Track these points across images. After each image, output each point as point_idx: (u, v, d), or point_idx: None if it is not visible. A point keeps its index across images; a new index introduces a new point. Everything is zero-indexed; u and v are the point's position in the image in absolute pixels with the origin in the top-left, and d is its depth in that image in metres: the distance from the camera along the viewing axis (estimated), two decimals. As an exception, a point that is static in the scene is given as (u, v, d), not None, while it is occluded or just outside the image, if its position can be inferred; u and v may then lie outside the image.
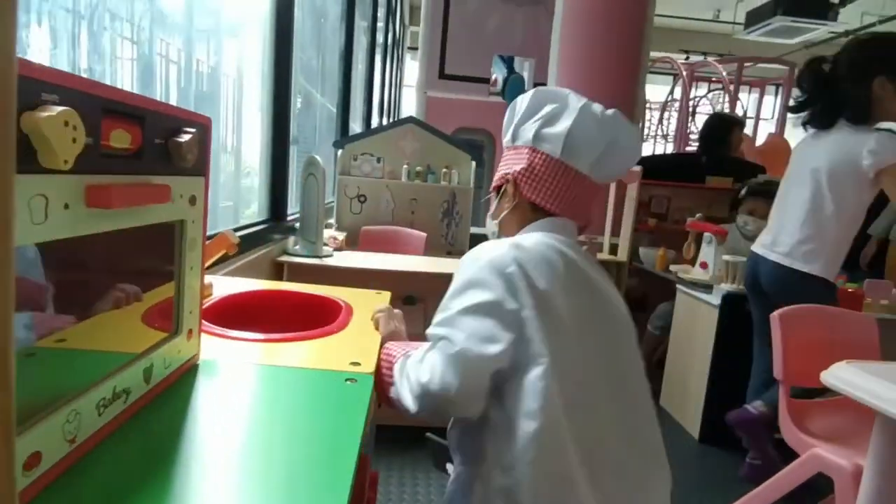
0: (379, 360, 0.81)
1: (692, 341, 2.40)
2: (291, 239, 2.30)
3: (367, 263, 2.11)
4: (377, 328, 0.93)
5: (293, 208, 2.47)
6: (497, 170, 0.90)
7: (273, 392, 0.67)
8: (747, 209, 2.40)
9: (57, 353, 0.45)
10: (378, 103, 6.32)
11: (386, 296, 1.22)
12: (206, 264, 0.99)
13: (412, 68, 9.12)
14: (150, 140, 0.52)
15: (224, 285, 1.13)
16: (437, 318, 0.77)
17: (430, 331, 0.77)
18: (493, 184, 0.90)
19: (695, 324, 2.38)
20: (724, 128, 3.25)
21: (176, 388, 0.63)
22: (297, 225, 2.22)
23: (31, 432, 0.39)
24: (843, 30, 7.13)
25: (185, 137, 0.56)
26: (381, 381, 0.80)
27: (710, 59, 7.27)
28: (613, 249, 3.32)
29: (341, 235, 2.53)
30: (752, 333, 2.07)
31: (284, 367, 0.73)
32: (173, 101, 1.84)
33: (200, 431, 0.55)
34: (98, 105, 0.43)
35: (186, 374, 0.66)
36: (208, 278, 1.12)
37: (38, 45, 1.08)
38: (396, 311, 1.00)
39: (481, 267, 0.74)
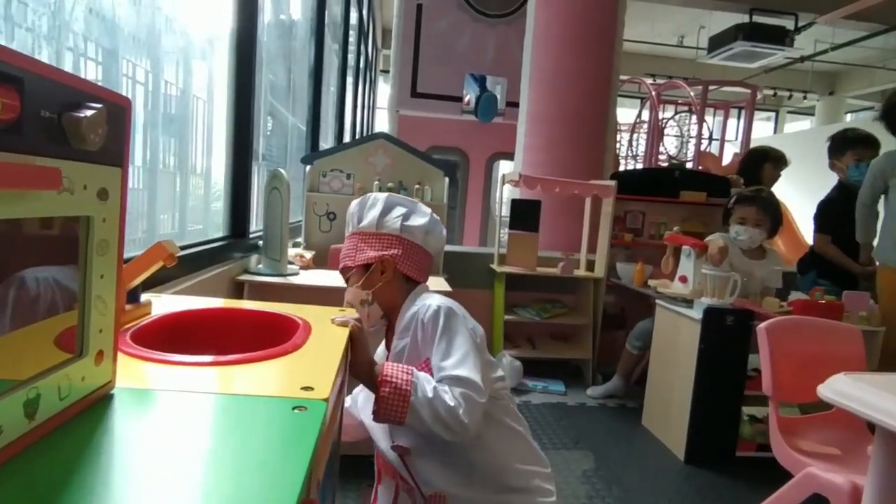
0: (390, 374, 0.92)
1: (674, 358, 2.33)
2: (255, 258, 2.17)
3: (334, 282, 1.99)
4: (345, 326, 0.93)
5: (258, 226, 2.35)
6: (356, 251, 1.11)
7: (203, 426, 0.56)
8: (738, 218, 2.37)
9: None
10: (350, 124, 6.26)
11: (350, 312, 1.11)
12: (140, 278, 0.87)
13: (385, 91, 9.14)
14: (34, 111, 0.41)
15: (169, 304, 1.00)
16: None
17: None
18: (358, 262, 1.10)
19: (676, 339, 2.32)
20: (754, 162, 3.25)
21: (77, 425, 0.51)
22: (261, 243, 2.10)
23: None
24: (798, 55, 7.45)
25: (86, 113, 0.46)
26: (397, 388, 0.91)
27: (676, 80, 7.46)
28: (590, 266, 3.28)
29: (309, 254, 2.41)
30: (736, 349, 2.01)
31: (221, 395, 0.61)
32: (139, 125, 1.74)
33: (98, 480, 0.43)
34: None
35: (95, 407, 0.54)
36: (146, 296, 0.99)
37: None
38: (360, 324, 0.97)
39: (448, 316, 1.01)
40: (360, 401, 1.20)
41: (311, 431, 0.54)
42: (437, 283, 2.13)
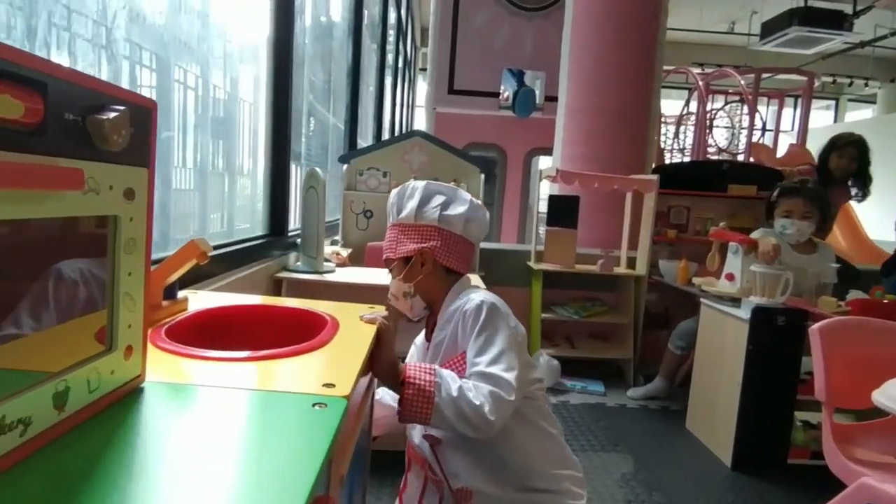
0: (411, 374, 0.91)
1: (720, 359, 2.24)
2: (293, 255, 2.22)
3: (369, 279, 2.01)
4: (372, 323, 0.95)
5: (297, 225, 2.40)
6: (396, 243, 1.10)
7: (225, 421, 0.57)
8: (783, 211, 2.24)
9: None
10: (389, 122, 6.32)
11: (380, 310, 1.12)
12: (175, 275, 0.90)
13: (424, 89, 9.19)
14: (58, 114, 0.43)
15: (205, 300, 1.04)
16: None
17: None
18: (398, 255, 1.09)
19: (722, 340, 2.23)
20: (822, 154, 3.09)
21: (106, 418, 0.52)
22: (299, 241, 2.14)
23: None
24: (857, 41, 7.00)
25: (109, 115, 0.47)
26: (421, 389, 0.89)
27: (726, 69, 7.14)
28: (631, 263, 3.18)
29: (346, 252, 2.44)
30: (788, 350, 1.91)
31: (245, 390, 0.62)
32: (190, 128, 1.83)
33: (122, 472, 0.44)
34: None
35: (124, 400, 0.56)
36: (184, 292, 1.03)
37: None
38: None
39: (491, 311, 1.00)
40: (391, 394, 1.21)
41: (328, 429, 0.54)
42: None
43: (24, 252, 0.46)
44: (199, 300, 1.04)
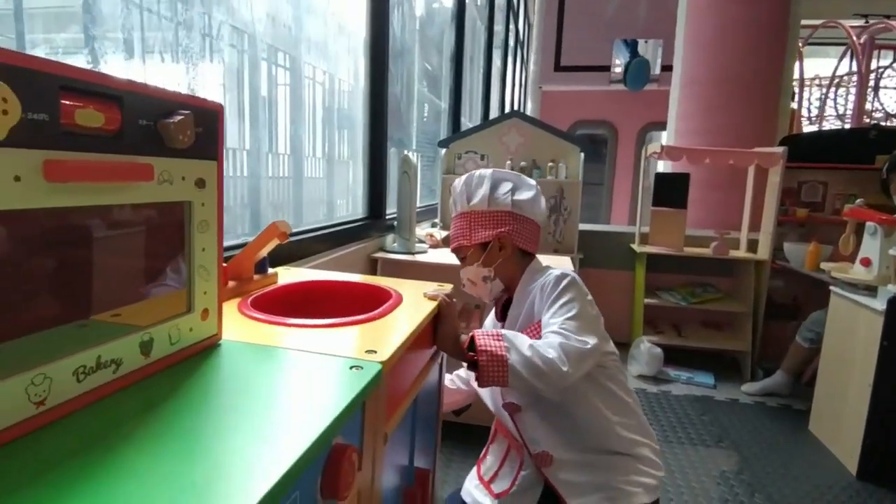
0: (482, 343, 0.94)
1: (850, 355, 1.98)
2: (391, 237, 2.36)
3: (454, 260, 2.08)
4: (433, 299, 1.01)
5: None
6: (469, 230, 1.13)
7: (276, 374, 0.66)
8: None
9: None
10: (498, 103, 6.29)
11: (446, 288, 1.18)
12: (262, 252, 1.04)
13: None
14: (133, 120, 0.54)
15: (296, 275, 1.18)
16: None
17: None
18: (475, 241, 1.13)
19: (853, 334, 1.96)
20: None
21: (186, 365, 0.65)
22: (396, 223, 2.28)
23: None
24: None
25: (175, 119, 0.58)
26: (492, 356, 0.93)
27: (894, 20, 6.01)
28: (752, 246, 2.89)
29: (441, 234, 2.53)
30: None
31: (300, 351, 0.72)
32: (319, 120, 2.07)
33: (192, 403, 0.55)
34: (53, 83, 0.45)
35: (203, 353, 0.69)
36: (276, 268, 1.18)
37: (214, 80, 1.45)
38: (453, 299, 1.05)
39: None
40: (461, 378, 1.28)
41: (356, 388, 0.61)
42: (560, 262, 2.09)
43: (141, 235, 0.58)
44: (290, 275, 1.18)
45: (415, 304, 1.00)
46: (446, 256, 2.19)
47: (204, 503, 0.39)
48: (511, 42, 6.98)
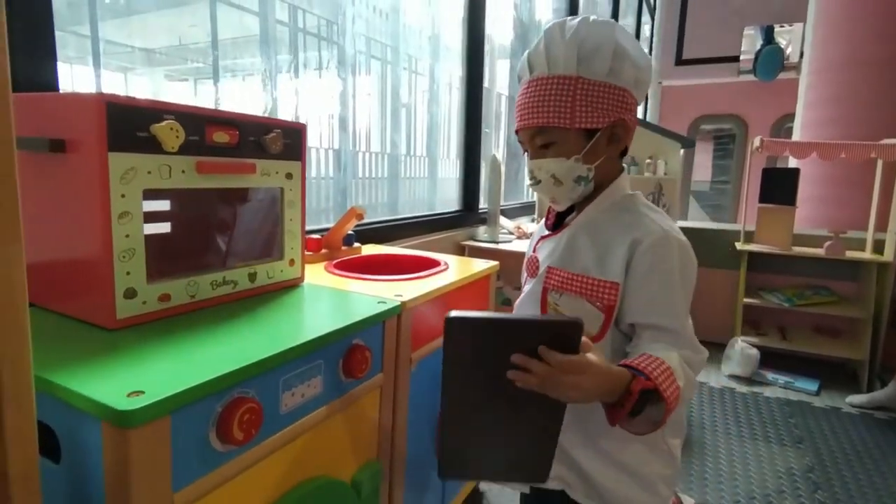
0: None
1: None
2: (482, 227, 2.65)
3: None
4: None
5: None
6: (571, 103, 0.76)
7: (326, 303, 0.99)
8: None
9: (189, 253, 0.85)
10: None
11: (494, 265, 1.44)
12: (345, 229, 1.39)
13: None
14: (245, 138, 0.90)
15: (373, 250, 1.53)
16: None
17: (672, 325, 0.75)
18: (580, 124, 0.76)
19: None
20: None
21: (276, 293, 1.00)
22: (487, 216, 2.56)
23: (164, 282, 0.80)
24: None
25: (270, 135, 0.93)
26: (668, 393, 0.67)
27: None
28: (878, 247, 2.65)
29: (529, 227, 2.75)
30: None
31: (350, 292, 1.05)
32: (454, 119, 2.50)
33: (269, 310, 0.90)
34: (202, 119, 0.82)
35: (289, 288, 1.04)
36: (372, 247, 1.53)
37: (365, 89, 2.01)
38: None
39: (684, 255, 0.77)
40: None
41: (373, 311, 0.92)
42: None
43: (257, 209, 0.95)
44: (372, 249, 1.53)
45: (455, 272, 1.28)
46: (522, 245, 2.41)
47: (275, 343, 0.72)
48: (646, 33, 6.79)
